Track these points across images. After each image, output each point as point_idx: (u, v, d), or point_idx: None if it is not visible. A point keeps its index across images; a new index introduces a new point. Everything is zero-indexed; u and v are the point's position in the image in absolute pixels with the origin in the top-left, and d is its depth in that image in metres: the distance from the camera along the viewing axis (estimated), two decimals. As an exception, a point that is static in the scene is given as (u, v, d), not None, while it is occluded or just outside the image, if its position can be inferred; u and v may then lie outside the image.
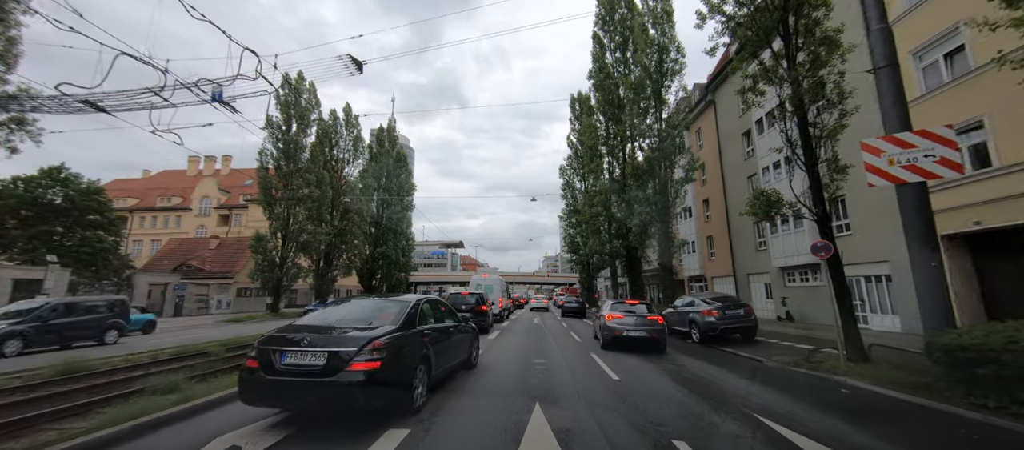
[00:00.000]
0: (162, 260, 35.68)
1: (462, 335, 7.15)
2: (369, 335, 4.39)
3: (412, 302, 5.59)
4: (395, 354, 4.49)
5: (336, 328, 4.67)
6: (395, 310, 5.28)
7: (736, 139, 22.01)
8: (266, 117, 30.40)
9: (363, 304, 5.84)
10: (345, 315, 5.25)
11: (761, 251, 20.00)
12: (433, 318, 6.13)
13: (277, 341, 4.37)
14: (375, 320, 4.99)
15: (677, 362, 9.04)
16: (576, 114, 41.36)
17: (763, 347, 10.93)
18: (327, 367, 4.10)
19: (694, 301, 12.75)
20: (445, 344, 6.12)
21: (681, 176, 17.81)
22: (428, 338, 5.46)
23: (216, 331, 18.01)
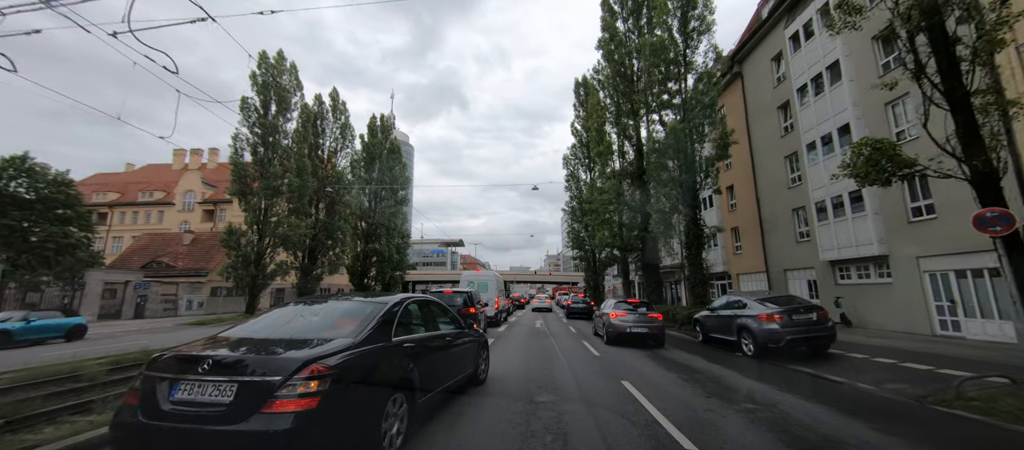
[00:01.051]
0: (131, 257, 33.00)
1: (464, 344, 5.65)
2: (308, 354, 2.97)
3: (389, 303, 4.14)
4: (350, 382, 3.07)
5: (268, 344, 3.29)
6: (363, 314, 3.83)
7: (770, 114, 19.08)
8: (241, 99, 27.55)
9: (325, 307, 4.26)
10: (295, 322, 3.91)
11: (803, 243, 17.07)
12: (422, 324, 4.72)
13: (169, 364, 2.98)
14: (331, 329, 3.62)
15: (750, 394, 6.16)
16: (581, 99, 38.63)
17: (845, 365, 8.08)
18: (234, 407, 2.70)
19: (743, 301, 9.87)
20: (438, 358, 4.70)
21: (712, 153, 14.84)
22: (411, 353, 4.03)
23: (166, 336, 15.24)
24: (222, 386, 2.78)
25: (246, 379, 2.78)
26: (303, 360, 2.88)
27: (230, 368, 2.88)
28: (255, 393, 2.73)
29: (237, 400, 2.71)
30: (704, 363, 8.50)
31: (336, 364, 3.00)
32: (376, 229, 45.18)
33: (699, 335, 12.06)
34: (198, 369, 2.85)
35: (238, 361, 2.95)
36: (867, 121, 13.73)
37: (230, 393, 2.74)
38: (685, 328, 14.32)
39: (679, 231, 15.81)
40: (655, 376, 7.21)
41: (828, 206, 15.01)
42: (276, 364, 2.88)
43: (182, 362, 2.97)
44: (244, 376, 2.80)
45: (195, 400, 2.78)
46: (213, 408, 2.72)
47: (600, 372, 7.52)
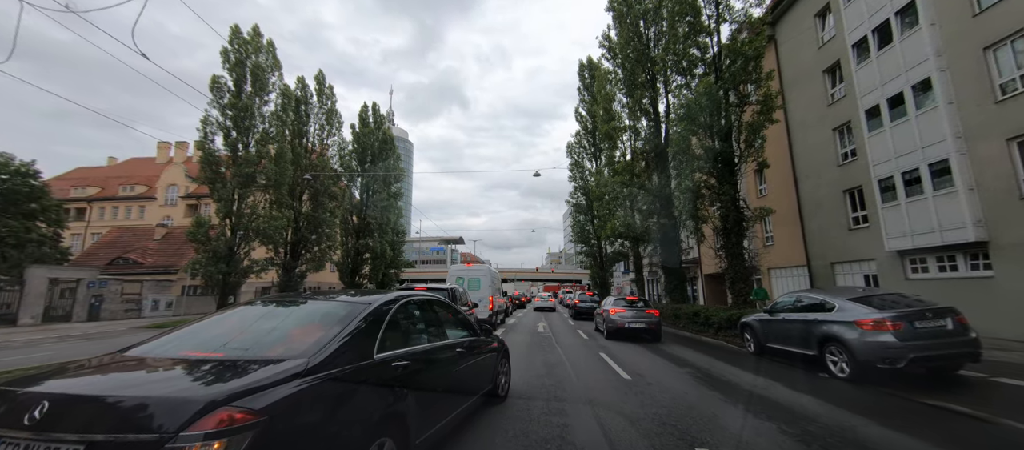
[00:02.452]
0: (97, 253, 30.44)
1: (480, 354, 4.44)
2: (218, 391, 1.80)
3: (375, 304, 2.95)
4: (289, 438, 1.86)
5: (168, 368, 2.17)
6: (333, 319, 2.64)
7: (812, 81, 16.24)
8: (211, 78, 24.86)
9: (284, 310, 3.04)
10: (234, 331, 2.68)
11: (859, 230, 14.24)
12: (424, 331, 3.54)
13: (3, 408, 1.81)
14: (280, 343, 2.48)
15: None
16: (586, 83, 35.89)
17: (987, 395, 5.34)
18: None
19: (829, 301, 7.11)
20: (446, 378, 3.47)
21: (754, 121, 11.97)
22: (405, 376, 2.79)
23: (91, 345, 12.57)
24: (61, 443, 1.66)
25: (100, 439, 1.66)
26: (204, 402, 1.72)
27: (76, 417, 1.74)
28: (153, 428, 1.65)
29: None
30: (786, 394, 5.73)
31: (268, 406, 1.83)
32: (368, 224, 42.60)
33: (750, 345, 9.31)
34: (25, 419, 1.72)
35: (96, 404, 1.79)
36: (955, 72, 10.92)
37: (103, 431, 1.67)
38: (725, 335, 11.55)
39: (711, 215, 12.98)
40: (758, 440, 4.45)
41: (898, 183, 12.19)
42: (160, 409, 1.72)
43: (14, 406, 1.79)
44: (99, 432, 1.68)
45: (51, 439, 1.68)
46: None
47: (641, 420, 4.75)
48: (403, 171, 47.41)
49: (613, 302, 13.00)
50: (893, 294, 7.01)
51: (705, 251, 26.15)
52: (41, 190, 32.46)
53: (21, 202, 30.69)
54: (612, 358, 8.50)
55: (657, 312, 12.14)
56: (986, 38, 10.28)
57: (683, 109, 12.17)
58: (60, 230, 34.79)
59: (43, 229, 32.49)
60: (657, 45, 17.72)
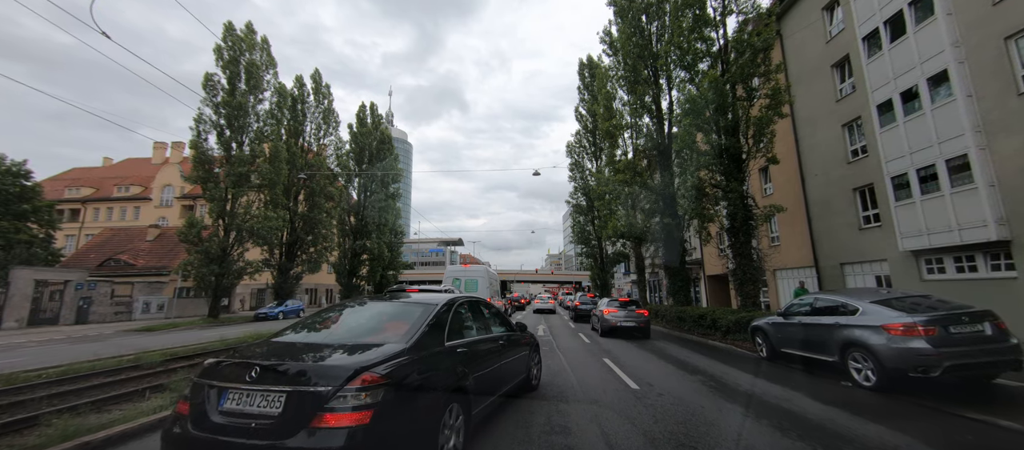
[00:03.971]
0: (88, 254, 29.88)
1: (517, 347, 5.19)
2: (358, 361, 2.70)
3: (440, 304, 3.83)
4: (405, 392, 2.76)
5: (317, 347, 3.07)
6: (412, 317, 3.52)
7: (820, 76, 15.78)
8: (204, 76, 24.38)
9: (372, 309, 3.92)
10: (337, 325, 3.68)
11: (870, 229, 13.76)
12: (474, 326, 4.35)
13: (223, 371, 2.75)
14: (379, 333, 3.35)
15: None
16: (586, 82, 35.47)
17: None
18: (283, 420, 2.46)
19: (851, 303, 6.61)
20: (493, 364, 4.25)
21: (762, 115, 11.48)
22: (466, 358, 3.69)
23: (69, 349, 12.05)
24: (271, 396, 2.57)
25: (295, 389, 2.56)
26: (355, 368, 2.63)
27: (279, 376, 2.64)
28: (304, 404, 2.50)
29: (286, 412, 2.50)
30: (812, 407, 5.23)
31: (388, 372, 2.73)
32: (366, 225, 42.07)
33: (762, 349, 8.81)
34: (246, 377, 2.67)
35: (287, 368, 2.70)
36: (974, 64, 10.46)
37: (279, 404, 2.54)
38: (734, 339, 11.05)
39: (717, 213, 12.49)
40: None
41: (912, 180, 11.71)
42: (326, 372, 2.64)
43: (231, 369, 2.78)
44: (293, 385, 2.57)
45: (244, 411, 2.58)
46: (261, 420, 2.51)
47: (658, 440, 4.25)
48: (401, 171, 46.91)
49: (607, 303, 14.18)
50: (919, 295, 6.51)
51: (708, 251, 25.65)
52: (33, 190, 31.95)
53: (11, 203, 30.16)
54: (617, 364, 8.00)
55: (646, 312, 13.61)
56: (1007, 27, 9.82)
57: (688, 104, 11.69)
58: (52, 231, 34.26)
59: (34, 230, 31.98)
60: (660, 40, 17.27)
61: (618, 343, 11.44)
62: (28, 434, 4.30)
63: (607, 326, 12.87)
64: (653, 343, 11.64)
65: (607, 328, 12.89)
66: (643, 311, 13.15)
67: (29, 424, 4.59)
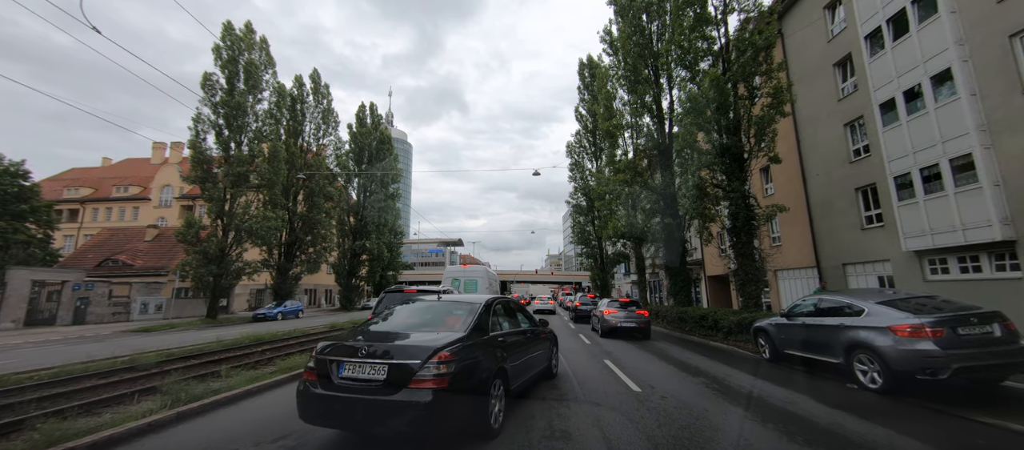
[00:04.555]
0: (86, 254, 29.75)
1: (540, 341, 6.14)
2: (435, 343, 3.72)
3: (483, 302, 4.84)
4: (467, 367, 3.76)
5: (400, 334, 4.18)
6: (463, 312, 4.61)
7: (822, 75, 15.68)
8: (203, 76, 24.28)
9: (429, 307, 4.97)
10: (408, 319, 4.67)
11: (873, 229, 13.66)
12: (507, 321, 5.32)
13: (338, 350, 3.80)
14: (440, 325, 4.42)
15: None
16: (586, 82, 35.41)
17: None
18: (387, 382, 3.51)
19: (856, 304, 6.51)
20: (523, 352, 5.23)
21: (765, 113, 11.37)
22: (503, 346, 4.64)
23: (75, 348, 11.92)
24: (376, 367, 3.57)
25: (394, 361, 3.55)
26: (433, 348, 3.60)
27: (381, 354, 3.65)
28: (402, 372, 3.48)
29: (389, 377, 3.50)
30: (819, 410, 5.12)
31: (455, 351, 3.68)
32: (366, 225, 41.95)
33: (764, 351, 8.70)
34: (358, 354, 3.67)
35: (387, 348, 3.75)
36: (978, 62, 10.36)
37: (383, 372, 3.53)
38: (736, 340, 10.94)
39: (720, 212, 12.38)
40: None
41: (916, 180, 11.61)
42: (415, 351, 3.62)
43: (346, 349, 3.77)
44: (393, 359, 3.58)
45: (357, 377, 3.59)
46: (371, 383, 3.53)
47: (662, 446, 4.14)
48: (401, 171, 46.83)
49: (607, 304, 14.12)
50: (924, 296, 6.41)
51: (709, 252, 25.55)
52: (31, 190, 31.81)
53: (9, 203, 30.03)
54: (618, 366, 7.89)
55: (647, 313, 13.38)
56: (1012, 25, 9.72)
57: (689, 103, 11.58)
58: (50, 231, 34.12)
59: (32, 230, 31.86)
60: (660, 39, 17.19)
61: (619, 344, 11.33)
62: (14, 439, 4.19)
63: (607, 327, 12.80)
64: (654, 344, 11.53)
65: (607, 329, 12.82)
66: (643, 312, 13.07)
67: (15, 428, 4.48)
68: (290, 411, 4.83)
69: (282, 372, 6.60)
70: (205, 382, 6.09)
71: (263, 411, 4.93)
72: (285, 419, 4.57)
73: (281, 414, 4.76)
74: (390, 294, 7.65)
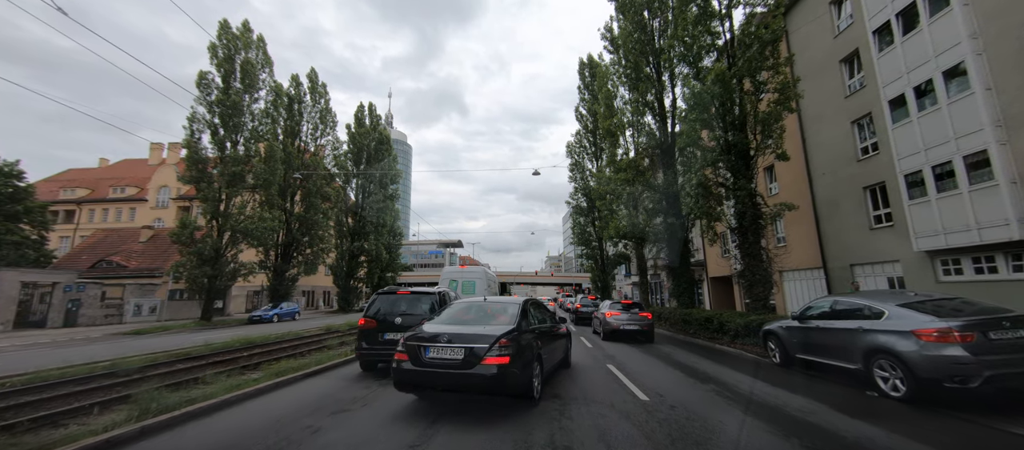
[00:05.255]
0: (80, 256, 29.37)
1: (561, 336, 7.38)
2: (496, 332, 4.90)
3: (520, 303, 5.99)
4: (518, 350, 4.93)
5: (467, 326, 5.25)
6: (509, 311, 5.72)
7: (828, 72, 15.35)
8: (198, 74, 23.96)
9: (481, 305, 6.12)
10: (465, 315, 5.75)
11: (882, 229, 13.30)
12: (537, 319, 6.38)
13: (422, 338, 4.95)
14: (494, 319, 5.53)
15: None
16: (586, 82, 35.13)
17: None
18: (465, 361, 4.71)
19: (876, 307, 6.14)
20: (550, 343, 6.45)
21: (771, 110, 11.03)
22: (537, 335, 5.78)
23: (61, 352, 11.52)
24: (455, 350, 4.77)
25: (469, 346, 4.75)
26: (496, 336, 4.81)
27: (459, 340, 4.85)
28: (475, 354, 4.70)
29: (465, 358, 4.71)
30: (841, 421, 4.76)
31: (511, 339, 4.90)
32: (364, 226, 41.55)
33: (775, 355, 8.33)
34: (440, 340, 4.87)
35: (462, 335, 4.91)
36: (993, 56, 10.01)
37: (461, 354, 4.74)
38: (743, 343, 10.56)
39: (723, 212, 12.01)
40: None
41: (927, 177, 11.26)
42: (481, 338, 4.80)
43: (428, 337, 4.94)
44: (467, 344, 4.77)
45: (441, 358, 4.79)
46: (452, 361, 4.74)
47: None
48: (400, 172, 46.44)
49: (609, 306, 13.64)
50: (946, 298, 6.05)
51: (711, 253, 25.18)
52: (25, 191, 31.44)
53: (3, 203, 29.69)
54: (623, 371, 7.51)
55: (650, 315, 12.91)
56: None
57: (693, 99, 11.23)
58: (45, 232, 33.74)
59: (26, 231, 31.48)
60: (662, 36, 16.88)
61: (621, 347, 10.95)
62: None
63: (609, 329, 12.45)
64: (658, 347, 11.16)
65: (609, 331, 12.47)
66: (646, 314, 12.69)
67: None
68: (270, 423, 4.47)
69: (268, 378, 6.23)
70: (183, 390, 5.72)
71: (240, 423, 4.56)
72: (262, 432, 4.20)
73: (258, 427, 4.39)
74: (383, 295, 7.29)
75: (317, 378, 6.82)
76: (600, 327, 13.34)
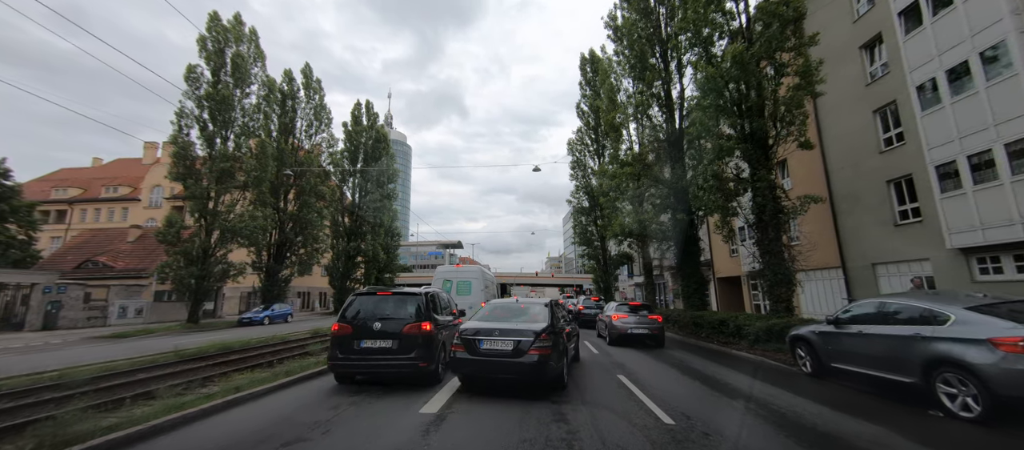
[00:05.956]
0: (66, 256, 28.50)
1: (574, 334, 8.37)
2: (537, 328, 5.78)
3: (549, 304, 6.97)
4: (553, 343, 5.81)
5: (512, 321, 6.16)
6: (542, 312, 6.58)
7: (846, 59, 14.45)
8: (186, 68, 23.10)
9: (516, 305, 7.01)
10: (508, 314, 6.65)
11: (908, 226, 12.39)
12: (561, 317, 7.43)
13: (478, 332, 5.85)
14: (531, 317, 6.37)
15: None
16: (587, 78, 34.29)
17: None
18: (514, 351, 5.58)
19: (938, 311, 5.24)
20: (569, 338, 7.40)
21: (793, 94, 10.11)
22: (560, 332, 6.43)
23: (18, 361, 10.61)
24: (506, 342, 5.66)
25: (517, 339, 5.63)
26: (537, 331, 5.70)
27: (508, 334, 5.73)
28: (522, 345, 5.56)
29: (514, 348, 5.59)
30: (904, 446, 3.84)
31: (549, 333, 5.77)
32: (361, 226, 40.63)
33: (805, 363, 7.42)
34: (493, 333, 5.79)
35: (509, 331, 5.78)
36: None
37: (511, 346, 5.61)
38: (763, 349, 9.64)
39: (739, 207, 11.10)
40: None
41: (963, 168, 10.36)
42: (526, 333, 5.67)
43: (483, 331, 5.83)
44: (515, 338, 5.65)
45: (494, 349, 5.68)
46: (503, 351, 5.63)
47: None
48: (397, 170, 45.52)
49: (615, 308, 12.78)
50: (1017, 299, 5.14)
51: (719, 252, 24.27)
52: (11, 190, 30.56)
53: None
54: (637, 384, 6.60)
55: (660, 318, 12.02)
56: (1081, -11, 8.49)
57: (707, 83, 10.33)
58: (33, 232, 32.87)
59: (12, 230, 30.61)
60: (669, 23, 16.00)
61: (630, 354, 10.04)
62: None
63: (616, 334, 11.54)
64: (670, 353, 10.24)
65: (616, 336, 11.56)
66: (656, 317, 11.78)
67: None
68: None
69: (224, 394, 5.33)
70: (121, 411, 4.83)
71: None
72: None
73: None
74: (361, 296, 6.39)
75: (283, 393, 5.92)
76: (606, 331, 12.48)
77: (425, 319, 6.20)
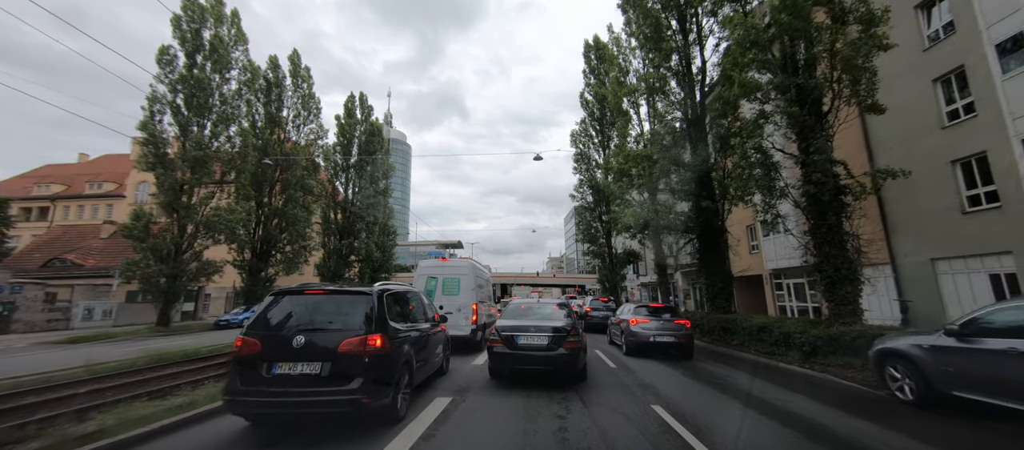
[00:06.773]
0: (33, 254, 26.69)
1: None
2: (566, 325, 6.51)
3: (568, 303, 8.41)
4: (579, 337, 6.56)
5: (544, 319, 6.86)
6: (564, 311, 7.39)
7: (898, 22, 12.44)
8: (159, 49, 21.27)
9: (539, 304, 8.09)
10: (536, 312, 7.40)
11: (981, 213, 10.44)
12: (579, 317, 9.44)
13: (515, 329, 6.49)
14: (557, 315, 7.11)
15: None
16: (591, 66, 32.43)
17: None
18: (549, 346, 6.28)
19: None
20: None
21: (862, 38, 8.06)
22: (579, 327, 6.99)
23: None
24: (542, 337, 6.34)
25: (552, 334, 6.33)
26: (568, 327, 6.47)
27: (541, 329, 6.41)
28: (556, 340, 6.29)
29: (549, 343, 6.28)
30: None
31: (575, 328, 6.59)
32: (354, 223, 38.76)
33: (904, 388, 5.49)
34: (529, 329, 6.46)
35: (545, 327, 6.45)
36: None
37: (546, 341, 6.31)
38: (822, 363, 7.68)
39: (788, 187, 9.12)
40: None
41: (1064, 139, 8.41)
42: (558, 329, 6.39)
43: (520, 328, 6.50)
44: (550, 333, 6.34)
45: (531, 343, 6.34)
46: (539, 345, 6.30)
47: None
48: (393, 166, 43.68)
49: (633, 310, 10.85)
50: None
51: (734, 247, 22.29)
52: (-19, 184, 28.89)
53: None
54: (687, 426, 4.68)
55: (688, 323, 10.07)
56: None
57: (747, 34, 8.40)
58: (5, 229, 31.15)
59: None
60: None
61: (657, 369, 8.10)
62: None
63: (635, 342, 9.69)
64: (706, 368, 8.30)
65: (635, 345, 9.71)
66: (684, 321, 9.90)
67: None
68: None
69: (124, 428, 3.45)
70: None
71: None
72: None
73: None
74: (281, 298, 4.33)
75: (162, 441, 3.99)
76: (621, 338, 10.62)
77: (375, 331, 4.15)
